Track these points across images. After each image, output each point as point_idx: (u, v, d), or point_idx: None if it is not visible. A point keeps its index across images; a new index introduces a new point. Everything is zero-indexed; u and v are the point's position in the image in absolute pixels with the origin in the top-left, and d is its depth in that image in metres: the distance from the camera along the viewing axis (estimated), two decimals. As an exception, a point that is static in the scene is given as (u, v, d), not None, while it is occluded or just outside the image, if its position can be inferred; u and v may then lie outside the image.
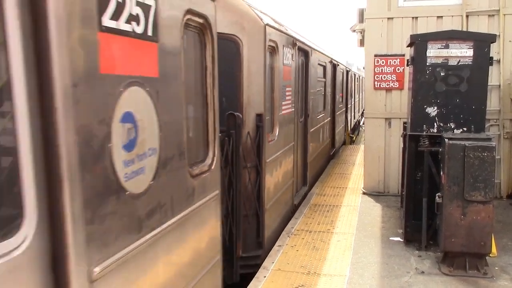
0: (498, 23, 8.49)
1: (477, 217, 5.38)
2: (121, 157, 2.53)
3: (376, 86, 9.17)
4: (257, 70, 5.89)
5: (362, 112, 24.62)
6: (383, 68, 9.07)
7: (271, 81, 6.49)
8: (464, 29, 8.43)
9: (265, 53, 6.04)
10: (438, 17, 8.70)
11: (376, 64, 9.09)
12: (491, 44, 6.13)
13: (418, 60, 6.20)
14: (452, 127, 6.15)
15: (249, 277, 5.51)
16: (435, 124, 6.20)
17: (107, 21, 2.41)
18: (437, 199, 5.64)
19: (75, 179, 2.14)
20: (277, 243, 6.52)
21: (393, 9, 8.92)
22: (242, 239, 5.56)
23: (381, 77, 9.11)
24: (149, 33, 2.86)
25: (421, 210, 6.16)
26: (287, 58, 7.34)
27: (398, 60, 8.97)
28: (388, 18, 8.95)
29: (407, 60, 6.94)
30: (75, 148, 2.15)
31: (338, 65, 14.50)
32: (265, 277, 5.40)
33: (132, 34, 2.65)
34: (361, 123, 24.63)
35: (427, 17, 8.74)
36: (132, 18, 2.65)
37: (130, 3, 2.62)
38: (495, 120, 8.67)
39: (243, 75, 5.62)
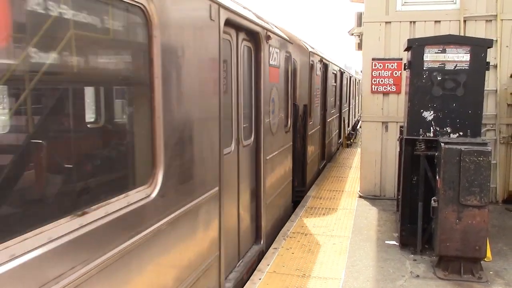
0: (495, 28, 8.53)
1: (472, 221, 5.39)
2: (270, 116, 6.37)
3: (373, 89, 9.19)
4: (304, 78, 9.48)
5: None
6: (380, 71, 9.09)
7: (311, 85, 10.18)
8: (462, 34, 8.46)
9: (309, 68, 9.99)
10: (435, 21, 8.74)
11: (373, 67, 9.12)
12: (488, 49, 6.15)
13: (415, 64, 6.22)
14: (449, 131, 6.16)
15: (298, 203, 8.87)
16: (431, 128, 6.21)
17: (270, 61, 6.27)
18: (433, 203, 5.64)
19: (263, 122, 6.00)
20: (272, 246, 6.51)
21: (391, 13, 8.95)
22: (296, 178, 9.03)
23: (379, 80, 9.13)
24: (277, 64, 6.73)
25: (416, 214, 6.17)
26: (318, 70, 11.22)
27: (396, 64, 9.00)
28: (386, 22, 8.97)
29: (404, 64, 6.95)
30: (262, 111, 5.98)
31: (344, 72, 17.97)
32: (260, 279, 5.40)
33: (274, 65, 6.49)
34: (358, 125, 24.86)
35: (424, 21, 8.77)
36: (274, 59, 6.53)
37: (274, 52, 6.47)
38: (491, 125, 8.70)
39: (297, 81, 8.66)
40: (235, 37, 5.14)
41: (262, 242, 6.25)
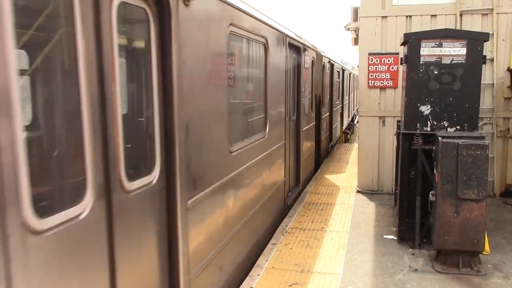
0: (491, 22, 8.51)
1: (470, 215, 5.39)
2: (303, 100, 9.76)
3: (370, 84, 9.18)
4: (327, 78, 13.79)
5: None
6: (377, 66, 9.08)
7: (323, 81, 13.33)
8: (458, 28, 8.45)
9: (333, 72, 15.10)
10: (432, 15, 8.72)
11: (370, 62, 9.10)
12: (485, 43, 6.15)
13: (411, 58, 6.21)
14: (446, 125, 6.17)
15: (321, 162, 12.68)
16: (428, 122, 6.21)
17: (305, 65, 9.26)
18: (431, 197, 5.65)
19: (301, 106, 9.24)
20: (271, 241, 6.51)
21: (387, 8, 8.93)
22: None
23: (375, 75, 9.12)
24: (308, 66, 9.79)
25: (414, 208, 6.18)
26: (335, 72, 15.70)
27: (392, 58, 8.99)
28: (382, 17, 8.95)
29: (401, 58, 6.94)
30: (301, 98, 9.29)
31: (345, 69, 20.80)
32: (259, 275, 5.40)
33: (308, 68, 9.78)
34: (355, 120, 25.08)
35: (421, 15, 8.75)
36: (307, 64, 9.72)
37: (308, 58, 9.80)
38: (488, 119, 8.70)
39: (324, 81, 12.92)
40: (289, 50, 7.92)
41: (300, 185, 9.29)
